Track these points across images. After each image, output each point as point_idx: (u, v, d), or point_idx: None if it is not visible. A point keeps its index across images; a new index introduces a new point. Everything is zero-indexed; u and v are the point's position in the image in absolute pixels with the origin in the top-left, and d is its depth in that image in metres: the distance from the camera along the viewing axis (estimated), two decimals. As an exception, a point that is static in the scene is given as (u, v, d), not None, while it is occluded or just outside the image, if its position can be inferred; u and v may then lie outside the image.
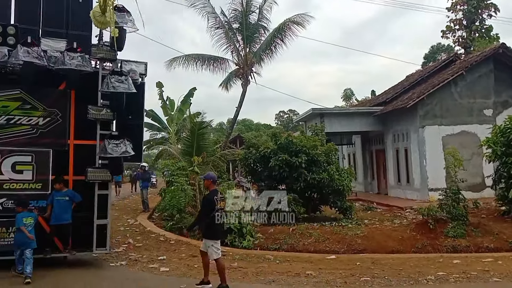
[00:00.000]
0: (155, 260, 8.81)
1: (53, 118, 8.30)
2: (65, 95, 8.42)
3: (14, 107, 8.03)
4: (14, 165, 8.00)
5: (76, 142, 8.45)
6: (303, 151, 12.67)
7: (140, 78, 9.11)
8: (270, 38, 21.82)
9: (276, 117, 79.56)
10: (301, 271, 7.98)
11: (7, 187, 7.88)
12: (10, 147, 8.01)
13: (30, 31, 8.14)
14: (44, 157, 8.17)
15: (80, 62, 7.95)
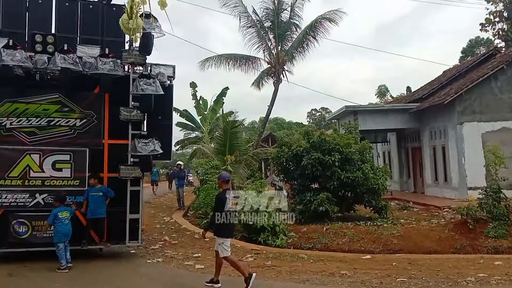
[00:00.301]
0: (190, 257, 8.95)
1: (89, 120, 8.86)
2: (99, 98, 8.94)
3: (53, 110, 8.67)
4: (54, 163, 8.61)
5: (110, 141, 8.95)
6: (336, 150, 12.54)
7: (168, 81, 9.49)
8: (302, 35, 21.69)
9: (308, 115, 79.04)
10: (336, 270, 7.92)
11: (48, 183, 8.51)
12: (51, 147, 8.63)
13: (69, 39, 8.73)
14: (81, 156, 8.75)
15: (112, 67, 8.45)
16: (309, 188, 13.15)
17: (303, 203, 12.50)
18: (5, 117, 8.43)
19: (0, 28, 8.66)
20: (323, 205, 11.93)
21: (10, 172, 8.38)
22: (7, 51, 7.91)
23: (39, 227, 8.25)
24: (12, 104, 8.49)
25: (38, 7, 8.94)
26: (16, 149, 8.47)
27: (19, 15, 8.82)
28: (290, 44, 22.14)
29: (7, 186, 8.35)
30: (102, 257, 8.91)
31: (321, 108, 76.91)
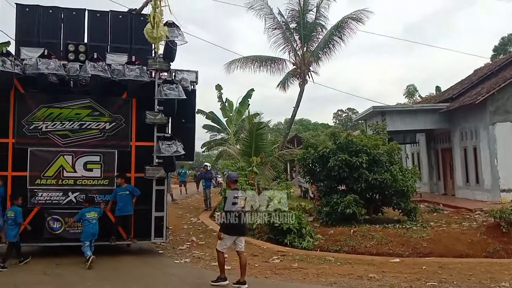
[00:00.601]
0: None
1: (117, 123, 9.41)
2: (127, 103, 9.47)
3: (85, 114, 9.27)
4: (86, 164, 9.21)
5: (137, 143, 9.49)
6: (363, 151, 12.38)
7: (191, 86, 9.96)
8: (328, 36, 21.52)
9: (334, 116, 78.38)
10: (364, 273, 7.81)
11: (80, 183, 9.12)
12: (82, 148, 9.23)
13: (100, 48, 9.43)
14: (110, 157, 9.32)
15: (138, 74, 8.99)
16: (335, 190, 13.04)
17: (330, 205, 12.40)
18: (41, 121, 9.06)
19: (39, 39, 9.41)
20: (350, 207, 11.79)
21: (45, 172, 8.99)
22: (42, 60, 8.54)
23: (71, 224, 8.83)
24: (48, 109, 9.13)
25: (72, 19, 9.68)
26: (51, 150, 9.08)
27: (55, 27, 9.58)
28: (316, 44, 21.99)
29: (43, 185, 8.97)
30: (131, 256, 9.10)
31: (347, 108, 76.19)
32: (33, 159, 8.98)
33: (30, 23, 9.56)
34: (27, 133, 9.02)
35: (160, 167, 9.25)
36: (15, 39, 9.72)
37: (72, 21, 9.70)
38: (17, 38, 9.61)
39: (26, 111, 9.05)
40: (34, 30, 9.54)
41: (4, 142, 8.90)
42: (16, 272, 7.74)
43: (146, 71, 9.21)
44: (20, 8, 9.59)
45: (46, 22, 9.57)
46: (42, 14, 9.56)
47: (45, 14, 9.57)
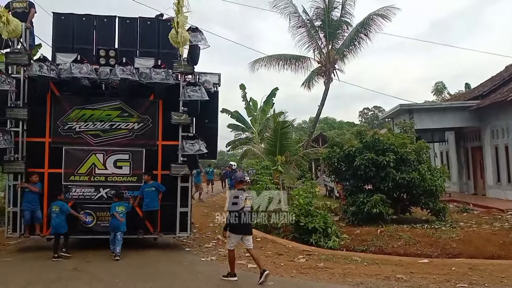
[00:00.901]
0: (242, 256, 9.03)
1: (145, 123, 9.92)
2: (154, 104, 9.98)
3: (115, 115, 9.82)
4: (116, 162, 9.79)
5: (163, 142, 9.96)
6: (391, 150, 12.21)
7: (213, 87, 10.43)
8: (354, 33, 21.27)
9: (360, 114, 77.39)
10: (391, 274, 7.69)
11: (110, 179, 9.70)
12: (113, 147, 9.79)
13: (129, 52, 10.01)
14: (139, 155, 9.85)
15: (163, 77, 9.52)
16: (362, 189, 12.90)
17: (356, 205, 12.28)
18: (75, 122, 9.67)
19: (73, 45, 10.06)
20: (377, 207, 11.65)
21: (78, 169, 9.62)
22: (76, 65, 9.18)
23: (103, 217, 9.47)
24: (81, 110, 9.73)
25: (103, 26, 10.28)
26: (84, 149, 9.69)
27: (88, 33, 10.21)
28: (341, 42, 21.77)
29: (76, 182, 9.61)
30: (159, 253, 9.25)
31: (373, 106, 75.12)
32: (68, 157, 9.61)
33: (65, 30, 10.19)
34: (62, 133, 9.64)
35: (184, 165, 9.67)
36: (52, 45, 10.31)
37: (104, 28, 10.29)
38: (54, 44, 10.21)
39: (61, 113, 9.67)
40: (69, 37, 10.16)
41: (42, 142, 9.56)
42: (48, 267, 7.99)
43: (171, 74, 9.71)
44: (57, 17, 10.21)
45: (79, 29, 10.20)
46: (76, 21, 10.20)
47: (79, 21, 10.22)
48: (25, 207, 9.13)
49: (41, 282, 7.00)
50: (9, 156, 9.28)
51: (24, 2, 10.16)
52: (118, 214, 8.90)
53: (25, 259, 8.77)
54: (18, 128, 9.38)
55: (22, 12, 9.95)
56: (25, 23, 9.60)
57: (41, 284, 6.86)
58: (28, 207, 9.13)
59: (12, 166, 9.28)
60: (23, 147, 9.45)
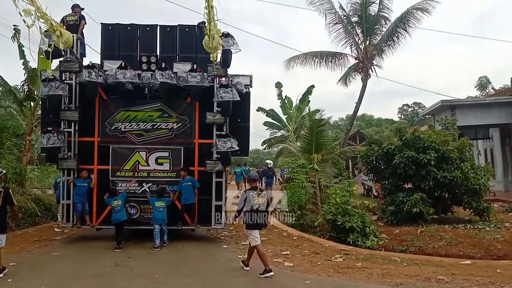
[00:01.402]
0: (279, 254, 9.07)
1: (183, 123, 10.74)
2: (191, 105, 10.77)
3: (156, 116, 10.68)
4: (157, 159, 10.65)
5: (199, 141, 10.74)
6: (431, 147, 11.85)
7: (245, 89, 11.05)
8: (392, 28, 20.76)
9: (399, 111, 75.60)
10: (432, 275, 7.47)
11: (152, 175, 10.59)
12: (154, 145, 10.65)
13: (170, 58, 10.87)
14: (178, 153, 10.68)
15: (199, 80, 10.30)
16: (401, 188, 12.60)
17: (395, 204, 12.01)
18: (120, 123, 10.61)
19: (119, 52, 11.07)
20: (417, 206, 11.35)
21: (124, 165, 10.54)
22: (120, 71, 10.20)
23: (145, 210, 10.36)
24: (126, 112, 10.64)
25: (146, 34, 11.23)
26: (129, 147, 10.61)
27: (132, 41, 11.19)
28: (379, 37, 21.32)
29: (122, 177, 10.53)
30: (196, 250, 9.43)
31: (413, 103, 73.16)
32: (114, 155, 10.54)
33: (112, 39, 11.18)
34: (109, 133, 10.58)
35: (218, 161, 10.37)
36: (100, 53, 11.36)
37: (147, 36, 11.22)
38: (102, 52, 11.28)
39: (108, 114, 10.62)
40: (115, 45, 11.16)
41: (91, 141, 10.57)
42: (92, 262, 8.31)
43: (206, 77, 10.42)
44: (104, 27, 11.25)
45: (125, 38, 11.17)
46: (122, 31, 11.17)
47: (124, 30, 11.18)
48: (76, 200, 10.15)
49: (85, 275, 7.30)
50: (63, 154, 10.31)
51: (76, 15, 11.20)
52: (158, 209, 9.71)
53: (71, 253, 9.17)
54: (70, 128, 10.39)
55: (73, 24, 10.96)
56: (76, 34, 10.59)
57: (85, 278, 7.15)
58: (79, 200, 10.13)
59: (65, 163, 10.33)
60: (75, 146, 10.47)
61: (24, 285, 6.71)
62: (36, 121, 17.36)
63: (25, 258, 8.23)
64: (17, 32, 15.45)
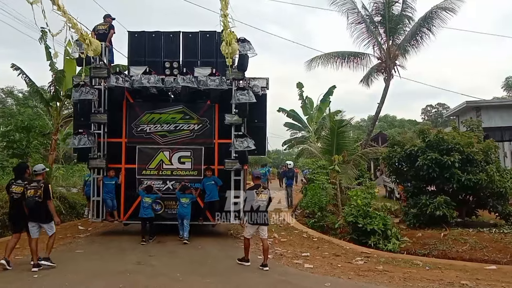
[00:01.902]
0: (299, 256, 9.05)
1: (204, 125, 11.41)
2: (211, 107, 11.43)
3: (179, 118, 11.41)
4: (180, 158, 11.35)
5: (219, 141, 11.37)
6: (456, 149, 11.61)
7: (261, 91, 11.55)
8: (416, 28, 20.41)
9: (423, 111, 74.29)
10: (455, 280, 7.33)
11: (175, 173, 11.29)
12: (177, 145, 11.36)
13: (192, 63, 11.54)
14: (199, 152, 11.34)
15: (218, 83, 10.93)
16: (424, 191, 12.39)
17: (418, 207, 11.81)
18: (146, 124, 11.37)
19: (145, 58, 11.78)
20: (440, 209, 11.14)
21: (149, 164, 11.29)
22: (145, 76, 10.93)
23: (169, 206, 11.07)
24: (150, 114, 11.40)
25: (169, 40, 11.88)
26: (153, 147, 11.33)
27: (157, 48, 11.87)
28: (402, 37, 20.97)
29: (148, 175, 11.27)
30: (216, 249, 9.49)
31: (437, 104, 71.75)
32: (140, 155, 11.32)
33: (138, 46, 11.92)
34: (135, 134, 11.35)
35: (236, 160, 10.88)
36: (127, 59, 12.24)
37: (170, 42, 11.87)
38: (129, 59, 12.10)
39: (134, 117, 11.40)
40: (141, 51, 11.89)
41: (119, 142, 11.39)
42: (115, 260, 8.48)
43: (225, 81, 10.98)
44: (131, 35, 12.02)
45: (150, 45, 11.88)
46: (147, 38, 11.89)
47: (149, 38, 11.90)
48: (106, 196, 10.98)
49: (107, 273, 7.44)
50: (93, 154, 11.15)
51: (106, 25, 11.97)
52: (183, 204, 10.37)
53: (94, 251, 9.38)
54: (100, 130, 11.25)
55: (103, 33, 11.75)
56: (105, 42, 11.41)
57: (108, 275, 7.29)
58: (108, 196, 10.96)
59: (95, 163, 11.17)
60: (104, 147, 11.30)
61: (48, 281, 6.88)
62: (62, 121, 17.80)
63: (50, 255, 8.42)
64: (44, 34, 15.85)
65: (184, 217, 10.33)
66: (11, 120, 25.22)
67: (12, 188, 7.82)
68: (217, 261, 8.50)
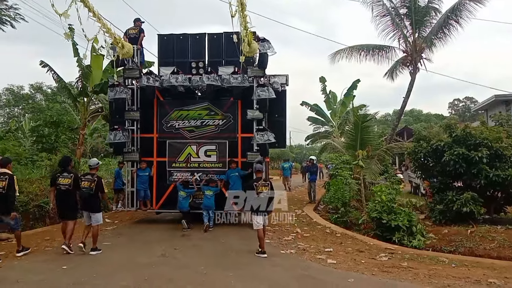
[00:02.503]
0: (322, 251, 9.02)
1: (228, 120, 12.27)
2: (234, 104, 12.27)
3: (204, 114, 12.34)
4: (206, 151, 12.28)
5: (242, 135, 12.18)
6: (483, 144, 11.32)
7: (281, 87, 12.38)
8: (443, 20, 19.86)
9: (450, 106, 72.75)
10: (482, 278, 7.17)
11: (202, 166, 12.24)
12: (203, 140, 12.29)
13: (216, 62, 12.41)
14: (223, 146, 12.20)
15: (240, 81, 11.79)
16: (450, 187, 12.14)
17: (444, 203, 11.59)
18: (175, 121, 12.38)
19: (173, 59, 12.74)
20: (467, 206, 10.90)
21: (178, 157, 12.27)
22: (173, 75, 11.96)
23: (197, 196, 11.73)
24: (179, 111, 12.40)
25: (196, 42, 12.78)
26: (182, 142, 12.31)
27: (184, 49, 12.81)
28: (429, 30, 20.45)
29: (177, 168, 12.26)
30: (239, 243, 9.53)
31: (465, 98, 70.14)
32: (170, 149, 12.31)
33: (167, 48, 12.91)
34: (165, 130, 12.37)
35: (257, 153, 11.61)
36: (157, 60, 13.18)
37: (196, 44, 12.75)
38: (159, 60, 13.07)
39: (164, 114, 12.41)
40: (170, 53, 12.86)
41: (151, 137, 12.45)
42: (140, 252, 8.67)
43: (246, 78, 11.76)
44: (160, 37, 13.07)
45: (178, 46, 12.83)
46: (175, 40, 12.85)
47: (177, 40, 12.86)
48: (139, 187, 11.97)
49: (133, 265, 7.62)
50: (127, 148, 12.23)
51: (136, 29, 12.83)
52: (207, 196, 11.15)
53: (120, 244, 9.61)
54: (133, 126, 12.33)
55: (134, 37, 12.66)
56: (136, 45, 12.29)
57: (134, 267, 7.47)
58: (142, 187, 11.97)
59: (130, 156, 12.27)
60: (138, 141, 12.38)
61: (77, 272, 7.10)
62: (89, 116, 18.22)
63: (77, 247, 8.69)
64: (71, 31, 16.22)
65: (209, 208, 11.11)
66: (40, 115, 25.97)
67: (58, 180, 8.56)
68: (239, 255, 8.57)
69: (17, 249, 8.38)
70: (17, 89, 47.86)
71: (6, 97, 48.58)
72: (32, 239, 9.89)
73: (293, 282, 6.77)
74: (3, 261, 7.91)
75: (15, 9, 13.61)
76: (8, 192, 8.07)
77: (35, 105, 40.74)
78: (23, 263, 7.79)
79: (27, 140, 24.37)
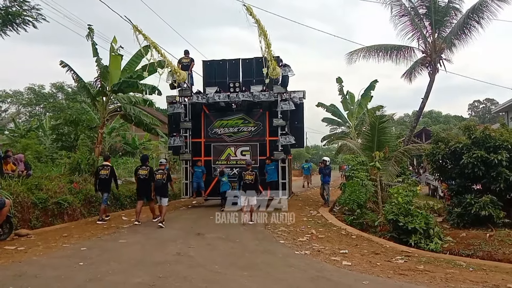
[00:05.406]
0: (337, 253, 8.96)
1: (258, 127, 16.33)
2: (263, 114, 16.34)
3: (240, 123, 16.50)
4: (242, 152, 16.35)
5: (269, 138, 16.12)
6: (503, 147, 11.11)
7: (299, 100, 16.13)
8: (463, 20, 19.50)
9: (470, 107, 71.57)
10: (501, 282, 7.03)
11: (239, 163, 15.98)
12: (240, 143, 16.42)
13: (248, 82, 16.50)
14: (255, 147, 16.24)
15: (267, 97, 15.82)
16: (469, 190, 11.95)
17: (462, 206, 11.42)
18: (217, 128, 16.58)
19: (215, 80, 16.73)
20: (486, 209, 10.72)
21: (220, 157, 16.45)
22: (216, 93, 16.20)
23: (235, 187, 14.41)
24: (220, 121, 16.57)
25: (232, 65, 16.82)
26: (223, 145, 16.44)
27: (223, 71, 16.92)
28: (449, 30, 20.12)
29: (220, 164, 16.10)
30: (255, 243, 9.55)
31: (485, 99, 68.97)
32: (214, 150, 16.46)
33: (210, 71, 17.00)
34: (210, 135, 16.54)
35: (281, 152, 15.44)
36: (203, 81, 17.15)
37: (233, 67, 16.75)
38: (204, 81, 17.09)
39: (209, 123, 16.59)
40: (212, 75, 16.88)
41: (199, 141, 16.64)
42: (155, 250, 8.77)
43: (272, 94, 15.68)
44: (204, 63, 17.26)
45: (218, 70, 16.87)
46: (217, 65, 16.96)
47: (218, 64, 16.95)
48: (194, 180, 15.99)
49: (148, 263, 7.70)
50: (183, 150, 16.28)
51: (188, 58, 16.75)
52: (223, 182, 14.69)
53: (136, 241, 9.72)
54: (186, 133, 16.47)
55: (186, 64, 16.49)
56: (188, 71, 16.16)
57: (149, 265, 7.55)
58: (196, 180, 15.96)
59: (184, 156, 16.41)
60: (190, 145, 16.44)
61: (93, 269, 7.22)
62: (108, 115, 18.47)
63: (95, 244, 8.84)
64: (91, 31, 16.48)
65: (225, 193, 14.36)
66: (60, 114, 26.42)
67: (139, 171, 12.11)
68: (254, 255, 8.58)
69: (98, 218, 12.40)
70: (39, 88, 48.91)
71: (28, 96, 49.68)
72: (50, 236, 10.10)
73: (308, 283, 6.74)
74: (22, 257, 8.09)
75: (37, 10, 13.88)
76: (110, 177, 12.45)
77: (56, 104, 41.52)
78: (42, 259, 7.96)
79: (48, 138, 24.86)
